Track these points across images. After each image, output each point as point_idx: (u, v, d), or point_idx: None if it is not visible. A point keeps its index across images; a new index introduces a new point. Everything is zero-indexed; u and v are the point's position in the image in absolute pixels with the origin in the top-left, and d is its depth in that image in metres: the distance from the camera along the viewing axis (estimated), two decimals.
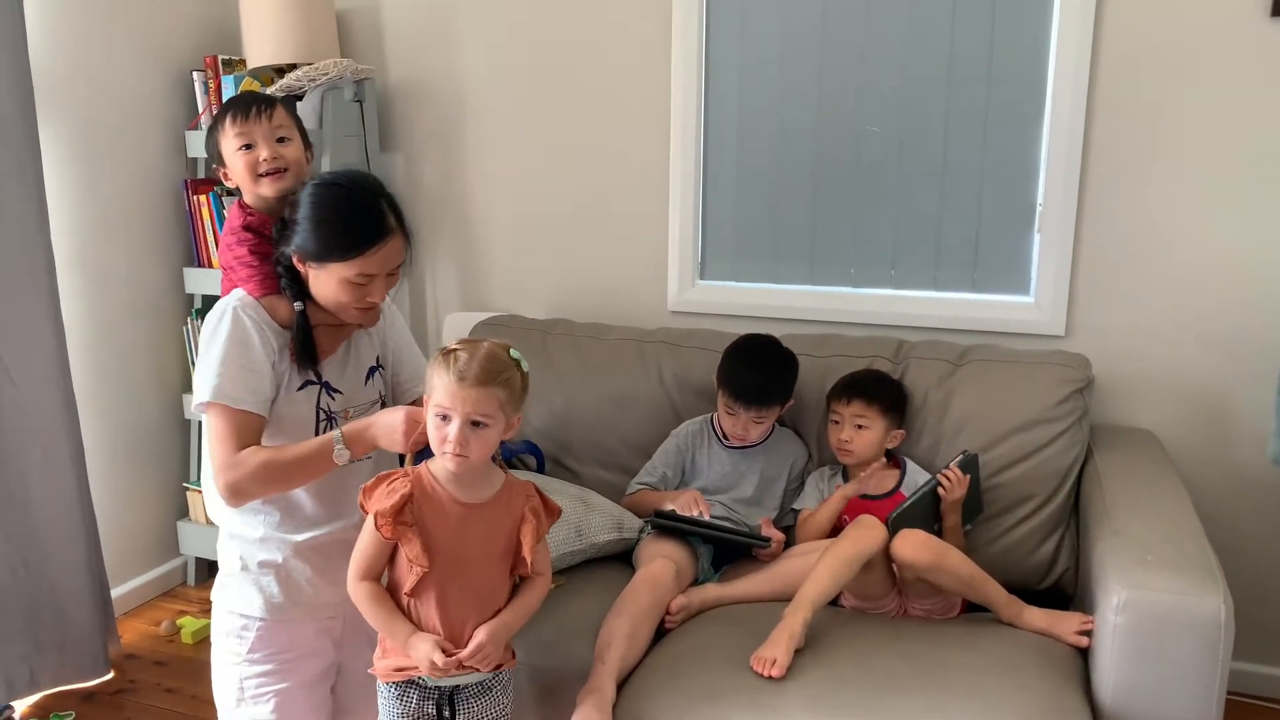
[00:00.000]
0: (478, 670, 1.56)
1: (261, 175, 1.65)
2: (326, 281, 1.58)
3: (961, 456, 2.13)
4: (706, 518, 2.20)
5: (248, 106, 1.67)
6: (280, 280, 1.62)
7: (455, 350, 1.49)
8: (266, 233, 1.65)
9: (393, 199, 1.63)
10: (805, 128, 2.67)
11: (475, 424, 1.46)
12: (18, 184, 2.33)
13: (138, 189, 2.89)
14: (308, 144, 1.74)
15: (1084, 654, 1.88)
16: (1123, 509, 1.97)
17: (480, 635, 1.53)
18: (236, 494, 1.56)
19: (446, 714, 1.59)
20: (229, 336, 1.57)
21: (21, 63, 2.31)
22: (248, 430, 1.56)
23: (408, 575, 1.52)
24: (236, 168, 1.67)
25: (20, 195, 2.34)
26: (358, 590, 1.54)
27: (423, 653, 1.51)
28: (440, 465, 1.53)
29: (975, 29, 2.49)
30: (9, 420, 2.36)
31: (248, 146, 1.66)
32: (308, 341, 1.61)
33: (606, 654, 1.88)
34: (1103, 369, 2.44)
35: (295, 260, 1.59)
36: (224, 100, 2.84)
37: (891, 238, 2.66)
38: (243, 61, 2.96)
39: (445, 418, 1.47)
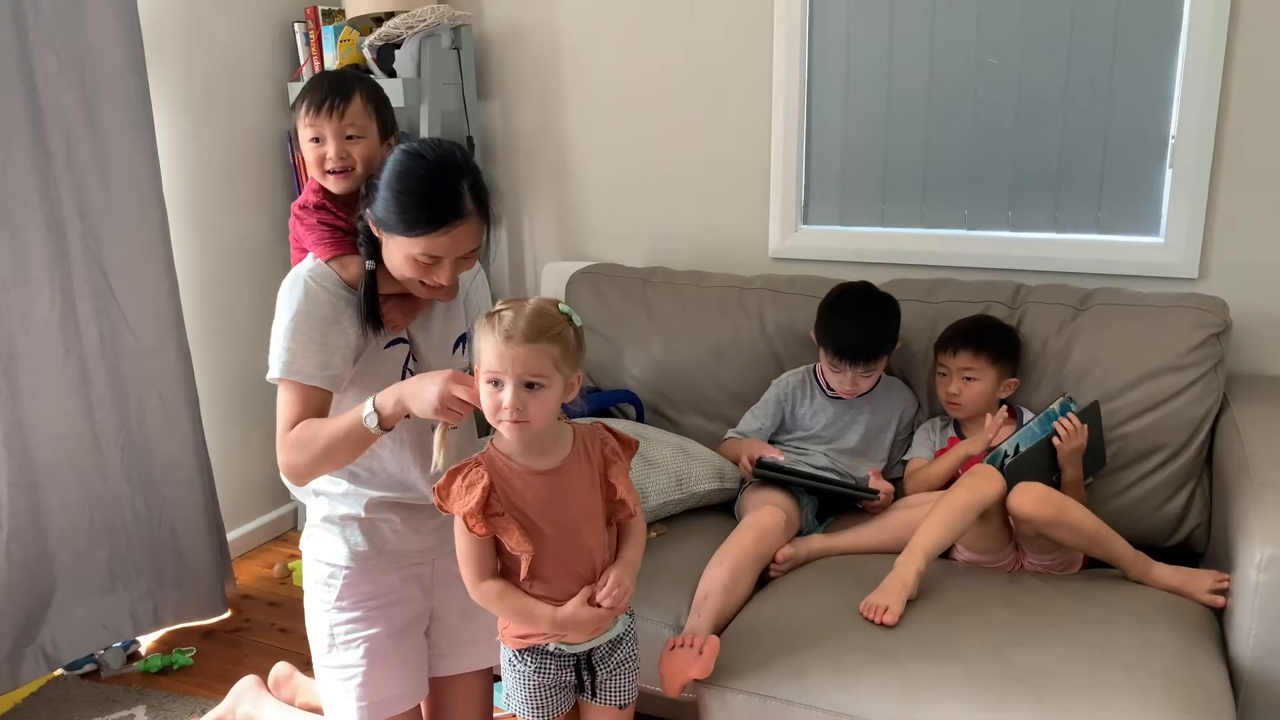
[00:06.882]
0: (619, 612, 1.51)
1: (328, 172, 1.64)
2: (394, 253, 1.55)
3: (1063, 399, 2.03)
4: (782, 461, 2.16)
5: (321, 99, 1.62)
6: (355, 239, 1.59)
7: (500, 310, 1.38)
8: (338, 209, 1.64)
9: (478, 179, 1.54)
10: (916, 60, 2.54)
11: (530, 385, 1.36)
12: (132, 137, 2.38)
13: (243, 140, 2.93)
14: (390, 130, 1.69)
15: (1219, 614, 1.78)
16: (1265, 461, 1.84)
17: (613, 572, 1.48)
18: (293, 474, 1.55)
19: (586, 677, 1.56)
20: (298, 309, 1.55)
21: (132, 18, 2.35)
22: (310, 407, 1.53)
23: (518, 563, 1.45)
24: (308, 158, 1.66)
25: (134, 148, 2.39)
26: (481, 592, 1.48)
27: (584, 618, 1.46)
28: (506, 439, 1.43)
29: None
30: (129, 368, 2.44)
31: (316, 140, 1.64)
32: (372, 301, 1.58)
33: (703, 606, 1.86)
34: (1241, 314, 2.26)
35: (370, 223, 1.57)
36: (323, 52, 2.89)
37: (1009, 176, 2.51)
38: (342, 12, 2.96)
39: (497, 383, 1.37)
